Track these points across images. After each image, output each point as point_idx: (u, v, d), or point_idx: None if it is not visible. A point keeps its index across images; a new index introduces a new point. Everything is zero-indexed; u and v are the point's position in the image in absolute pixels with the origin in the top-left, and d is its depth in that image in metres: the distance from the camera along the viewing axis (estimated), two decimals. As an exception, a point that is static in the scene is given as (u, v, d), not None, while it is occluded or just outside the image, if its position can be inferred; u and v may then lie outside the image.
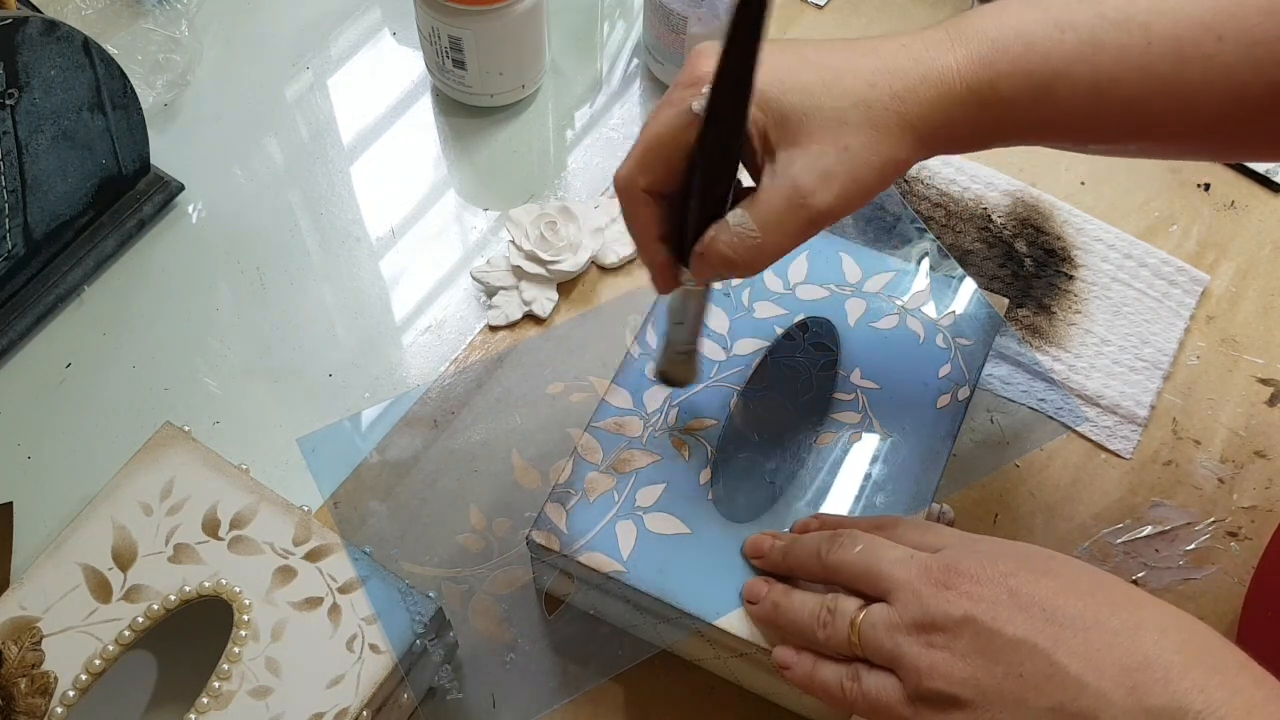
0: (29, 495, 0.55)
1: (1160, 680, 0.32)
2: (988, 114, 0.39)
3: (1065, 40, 0.38)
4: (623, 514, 0.46)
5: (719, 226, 0.39)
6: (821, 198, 0.38)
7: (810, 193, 0.38)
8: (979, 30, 0.39)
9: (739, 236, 0.38)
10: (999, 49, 0.39)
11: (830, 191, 0.38)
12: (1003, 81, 0.39)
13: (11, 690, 0.42)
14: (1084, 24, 0.38)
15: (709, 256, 0.39)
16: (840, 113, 0.38)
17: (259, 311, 0.61)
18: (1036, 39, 0.38)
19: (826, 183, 0.38)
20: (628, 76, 0.71)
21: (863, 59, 0.39)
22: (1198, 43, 0.38)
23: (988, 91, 0.39)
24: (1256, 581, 0.51)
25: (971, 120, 0.39)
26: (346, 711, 0.42)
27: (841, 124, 0.38)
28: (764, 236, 0.38)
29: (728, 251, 0.39)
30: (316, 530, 0.46)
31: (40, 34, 0.52)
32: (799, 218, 0.38)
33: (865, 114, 0.38)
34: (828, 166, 0.38)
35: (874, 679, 0.37)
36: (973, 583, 0.36)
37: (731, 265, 0.39)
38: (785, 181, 0.38)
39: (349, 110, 0.69)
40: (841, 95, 0.38)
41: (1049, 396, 0.59)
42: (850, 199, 0.38)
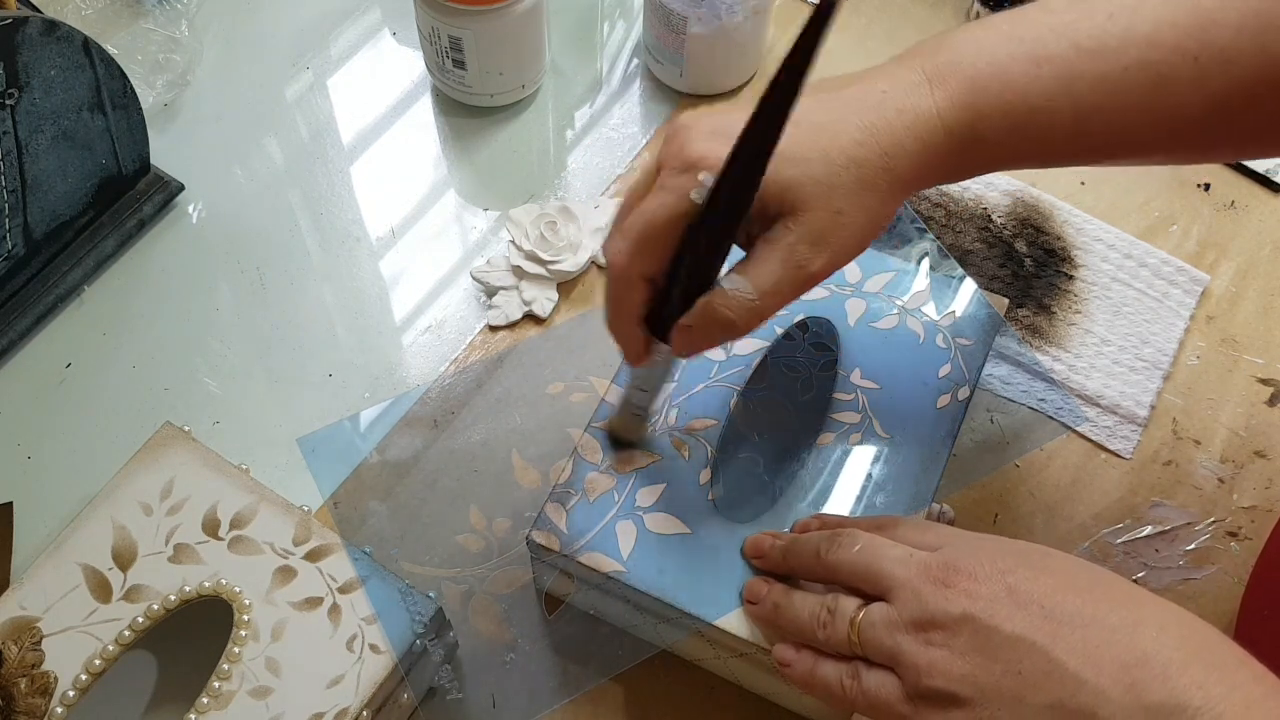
0: (29, 495, 0.55)
1: (1159, 677, 0.32)
2: (969, 154, 0.40)
3: (1042, 74, 0.39)
4: (623, 514, 0.46)
5: (715, 293, 0.39)
6: (815, 262, 0.39)
7: (804, 257, 0.39)
8: (955, 68, 0.39)
9: (736, 300, 0.39)
10: (977, 89, 0.39)
11: (823, 256, 0.39)
12: (982, 122, 0.39)
13: (11, 690, 0.42)
14: (1060, 56, 0.39)
15: (701, 323, 0.40)
16: (832, 177, 0.38)
17: (259, 311, 0.61)
18: (1013, 75, 0.39)
19: (819, 247, 0.39)
20: (628, 76, 0.71)
21: (849, 115, 0.39)
22: (1173, 65, 0.38)
23: (968, 133, 0.39)
24: (1255, 580, 0.51)
25: (954, 161, 0.40)
26: (346, 711, 0.42)
27: (834, 189, 0.38)
28: (760, 300, 0.39)
29: (728, 314, 0.39)
30: (316, 530, 0.46)
31: (40, 34, 0.52)
32: (795, 280, 0.39)
33: (856, 174, 0.38)
34: (821, 231, 0.38)
35: (874, 677, 0.37)
36: (971, 580, 0.36)
37: (728, 326, 0.40)
38: (781, 247, 0.39)
39: (349, 110, 0.69)
40: (833, 160, 0.38)
41: (1049, 396, 0.59)
42: (840, 258, 0.40)
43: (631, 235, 0.40)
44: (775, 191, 0.38)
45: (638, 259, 0.40)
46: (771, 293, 0.39)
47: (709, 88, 0.69)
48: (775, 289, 0.39)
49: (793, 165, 0.38)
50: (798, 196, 0.38)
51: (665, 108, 0.69)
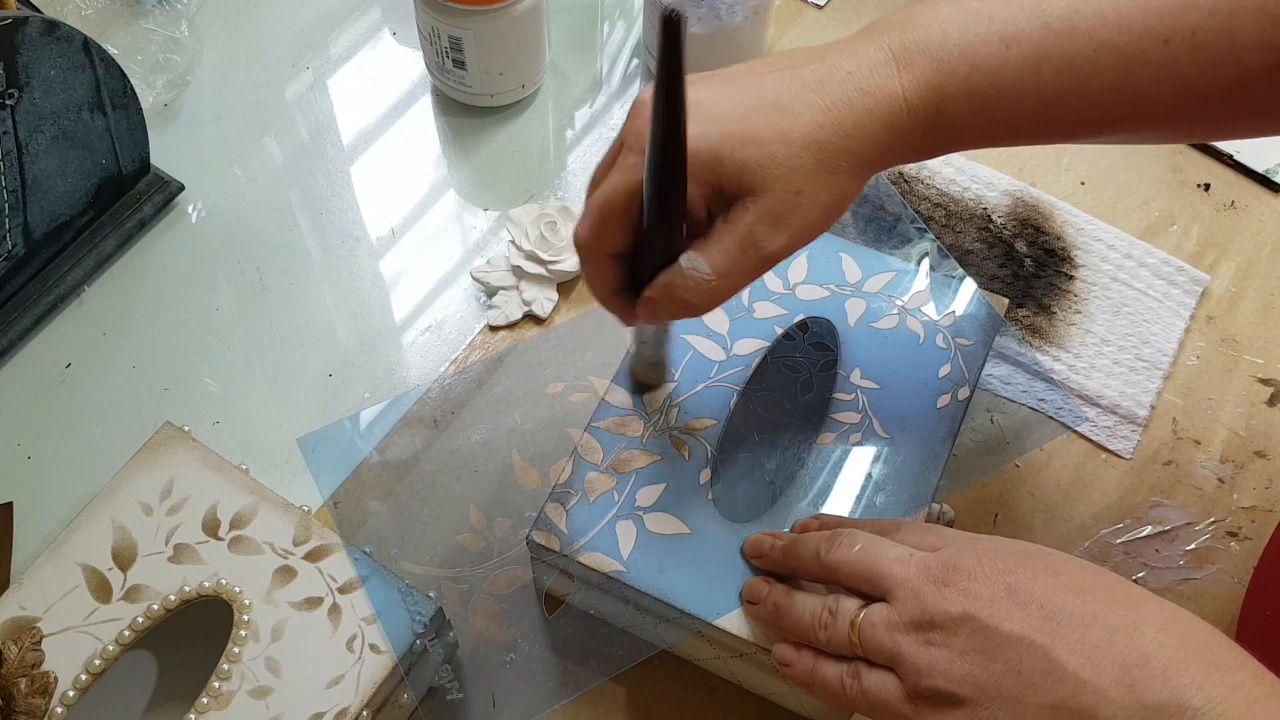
0: (29, 495, 0.55)
1: (1159, 677, 0.32)
2: (934, 134, 0.40)
3: (1010, 56, 0.38)
4: (623, 514, 0.46)
5: (672, 270, 0.39)
6: (773, 242, 0.39)
7: (762, 238, 0.39)
8: (923, 49, 0.39)
9: (692, 279, 0.39)
10: (944, 72, 0.39)
11: (782, 236, 0.39)
12: (949, 104, 0.39)
13: (11, 690, 0.42)
14: (1029, 37, 0.38)
15: (662, 299, 0.40)
16: (792, 158, 0.38)
17: (259, 311, 0.61)
18: (981, 57, 0.38)
19: (777, 228, 0.39)
20: (628, 76, 0.71)
21: (811, 95, 0.39)
22: (1143, 48, 0.38)
23: (934, 115, 0.39)
24: (1257, 580, 0.51)
25: (918, 141, 0.40)
26: (346, 711, 0.42)
27: (793, 170, 0.38)
28: (717, 279, 0.39)
29: (683, 294, 0.39)
30: (316, 530, 0.46)
31: (40, 34, 0.52)
32: (750, 260, 0.39)
33: (816, 155, 0.38)
34: (779, 212, 0.38)
35: (874, 677, 0.37)
36: (971, 580, 0.36)
37: (686, 305, 0.40)
38: (739, 228, 0.39)
39: (349, 110, 0.69)
40: (793, 140, 0.38)
41: (1049, 396, 0.59)
42: (801, 238, 0.39)
43: (592, 214, 0.40)
44: (733, 172, 0.38)
45: (598, 237, 0.40)
46: (728, 274, 0.39)
47: (709, 88, 0.69)
48: (731, 269, 0.39)
49: (751, 146, 0.38)
50: (756, 177, 0.38)
51: (665, 108, 0.69)
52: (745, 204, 0.38)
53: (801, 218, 0.39)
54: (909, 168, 0.66)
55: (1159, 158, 0.68)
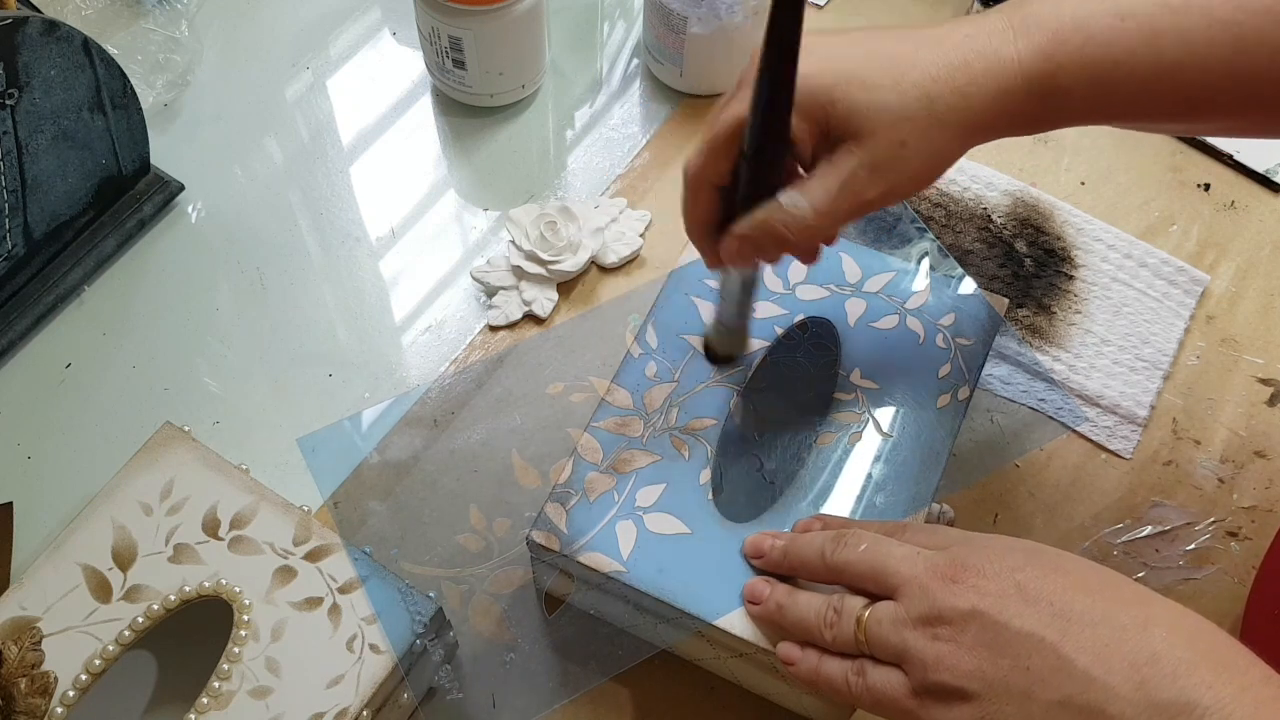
0: (29, 495, 0.55)
1: (1168, 675, 0.32)
2: (1046, 104, 0.40)
3: (1126, 29, 0.39)
4: (623, 514, 0.46)
5: (771, 205, 0.40)
6: (872, 190, 0.39)
7: (862, 184, 0.39)
8: (1039, 20, 0.39)
9: (791, 216, 0.40)
10: (1059, 40, 0.39)
11: (882, 184, 0.39)
12: (1062, 74, 0.39)
13: (11, 690, 0.42)
14: (1144, 11, 0.39)
15: (757, 234, 0.41)
16: (903, 108, 0.39)
17: (259, 311, 0.61)
18: (1097, 29, 0.39)
19: (879, 175, 0.39)
20: (628, 76, 0.71)
21: (928, 52, 0.39)
22: (1260, 28, 0.38)
23: (1048, 83, 0.39)
24: (1259, 582, 0.51)
25: (1030, 110, 0.40)
26: (346, 711, 0.42)
27: (902, 119, 0.39)
28: (815, 218, 0.40)
29: (780, 228, 0.40)
30: (316, 530, 0.46)
31: (40, 34, 0.52)
32: (849, 204, 0.40)
33: (927, 109, 0.39)
34: (882, 160, 0.39)
35: (879, 673, 0.37)
36: (980, 577, 0.36)
37: (780, 241, 0.40)
38: (843, 170, 0.39)
39: (349, 110, 0.69)
40: (905, 91, 0.39)
41: (1049, 396, 0.59)
42: (901, 190, 0.40)
43: (703, 143, 0.41)
44: (842, 114, 0.39)
45: (706, 165, 0.41)
46: (826, 213, 0.40)
47: (709, 88, 0.69)
48: (830, 210, 0.40)
49: (864, 91, 0.38)
50: (864, 122, 0.39)
51: (665, 108, 0.69)
52: (850, 148, 0.39)
53: (901, 170, 0.39)
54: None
55: (1159, 158, 0.68)
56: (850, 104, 0.39)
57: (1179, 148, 0.69)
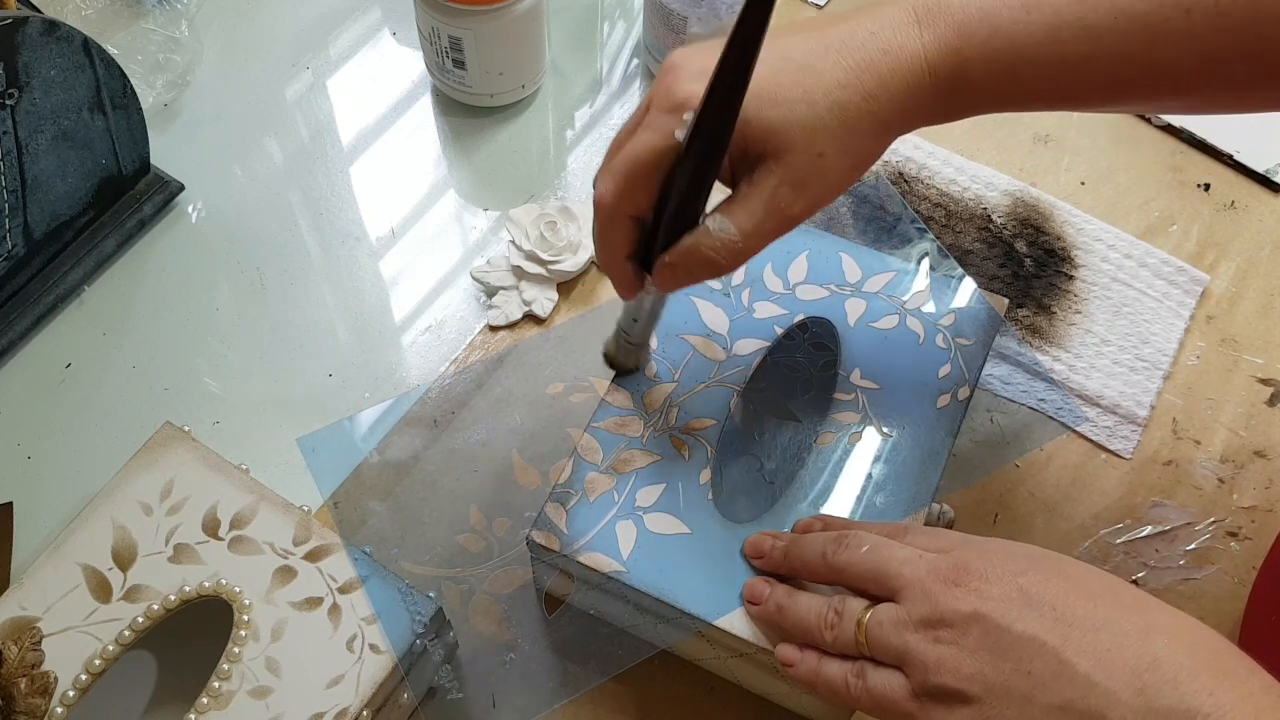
0: (29, 495, 0.55)
1: (1169, 682, 0.32)
2: (955, 97, 0.40)
3: (1032, 21, 0.38)
4: (623, 514, 0.46)
5: (699, 232, 0.40)
6: (796, 204, 0.39)
7: (786, 200, 0.39)
8: (945, 10, 0.39)
9: (720, 241, 0.39)
10: (965, 34, 0.39)
11: (804, 198, 0.39)
12: (970, 67, 0.39)
13: (11, 690, 0.42)
14: (1050, 2, 0.38)
15: (685, 262, 0.40)
16: (815, 119, 0.38)
17: (259, 311, 0.61)
18: (1003, 21, 0.39)
19: (800, 190, 0.39)
20: (628, 76, 0.71)
21: (834, 55, 0.39)
22: (1166, 18, 0.38)
23: (955, 77, 0.39)
24: (1259, 584, 0.51)
25: (939, 103, 0.40)
26: (346, 711, 0.42)
27: (816, 131, 0.38)
28: (743, 240, 0.39)
29: (710, 254, 0.40)
30: (316, 530, 0.46)
31: (40, 34, 0.52)
32: (775, 221, 0.39)
33: (839, 117, 0.38)
34: (803, 174, 0.39)
35: (879, 675, 0.37)
36: (982, 581, 0.36)
37: (711, 266, 0.40)
38: (764, 190, 0.39)
39: (349, 110, 0.69)
40: (816, 102, 0.38)
41: (1049, 396, 0.59)
42: (823, 200, 0.40)
43: (617, 174, 0.40)
44: (759, 133, 0.38)
45: (623, 197, 0.40)
46: (753, 234, 0.40)
47: (709, 88, 0.69)
48: (757, 230, 0.39)
49: (776, 107, 0.38)
50: (780, 139, 0.38)
51: (665, 108, 0.69)
52: (769, 166, 0.39)
53: (823, 180, 0.39)
54: (909, 168, 0.66)
55: (1159, 158, 0.68)
56: (764, 122, 0.38)
57: (1179, 148, 0.69)
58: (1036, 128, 0.69)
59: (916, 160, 0.67)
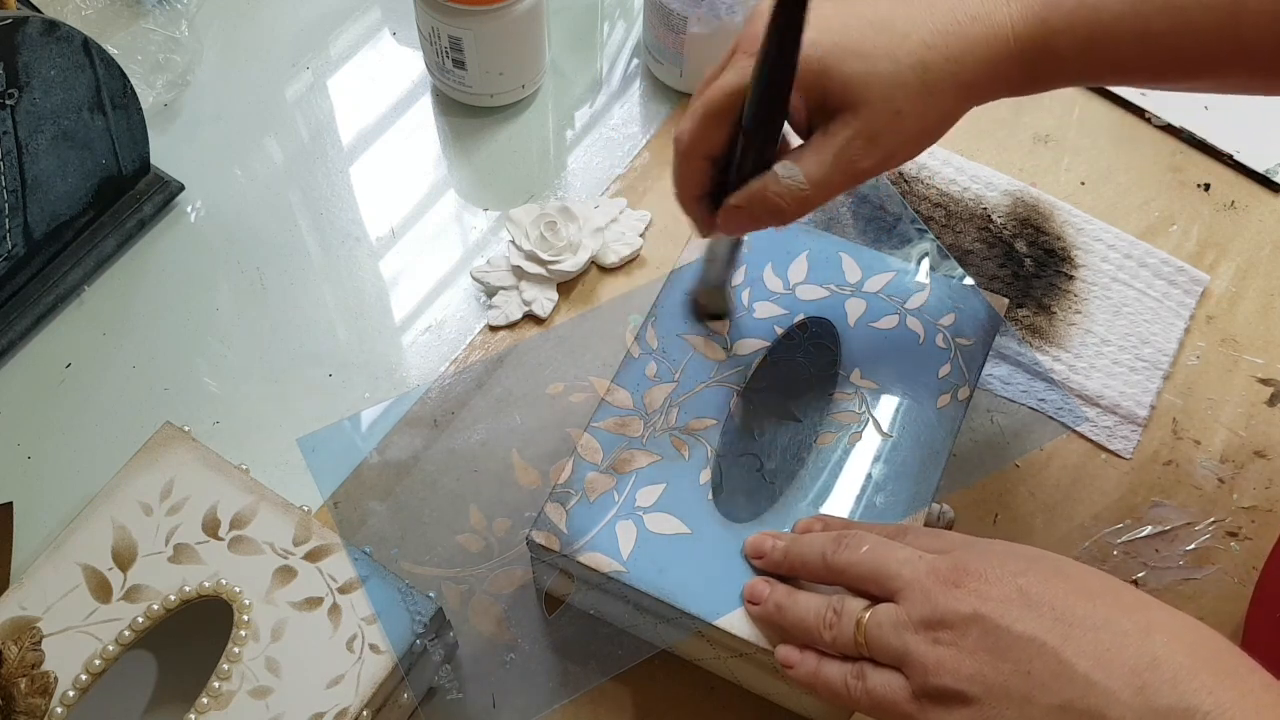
0: (29, 495, 0.55)
1: (1169, 681, 0.32)
2: (1038, 67, 0.40)
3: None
4: (623, 514, 0.46)
5: (766, 177, 0.40)
6: (867, 159, 0.40)
7: (858, 154, 0.39)
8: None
9: (786, 187, 0.40)
10: (1051, 5, 0.39)
11: (876, 153, 0.40)
12: (1055, 38, 0.39)
13: (11, 690, 0.42)
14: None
15: (751, 205, 0.41)
16: (897, 76, 0.39)
17: (259, 311, 0.61)
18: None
19: (873, 145, 0.39)
20: (628, 76, 0.71)
21: (921, 17, 0.39)
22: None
23: (1040, 47, 0.39)
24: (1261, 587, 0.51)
25: (1022, 73, 0.40)
26: (346, 711, 0.42)
27: (896, 87, 0.39)
28: (810, 188, 0.40)
29: (775, 199, 0.40)
30: (316, 530, 0.46)
31: (40, 34, 0.52)
32: (843, 174, 0.40)
33: (921, 77, 0.39)
34: (877, 129, 0.39)
35: (879, 676, 0.37)
36: (982, 581, 0.36)
37: (776, 211, 0.41)
38: (837, 141, 0.39)
39: (349, 110, 0.69)
40: (899, 59, 0.39)
41: (1049, 396, 0.59)
42: (897, 156, 0.40)
43: (695, 113, 0.41)
44: (838, 85, 0.39)
45: (698, 136, 0.41)
46: (821, 184, 0.40)
47: (709, 88, 0.69)
48: (825, 180, 0.40)
49: (857, 60, 0.39)
50: (859, 93, 0.39)
51: (665, 108, 0.69)
52: (845, 118, 0.39)
53: (897, 137, 0.40)
54: (909, 167, 0.66)
55: (1159, 158, 0.68)
56: (845, 75, 0.39)
57: (1179, 148, 0.69)
58: (1036, 128, 0.69)
59: (916, 160, 0.67)
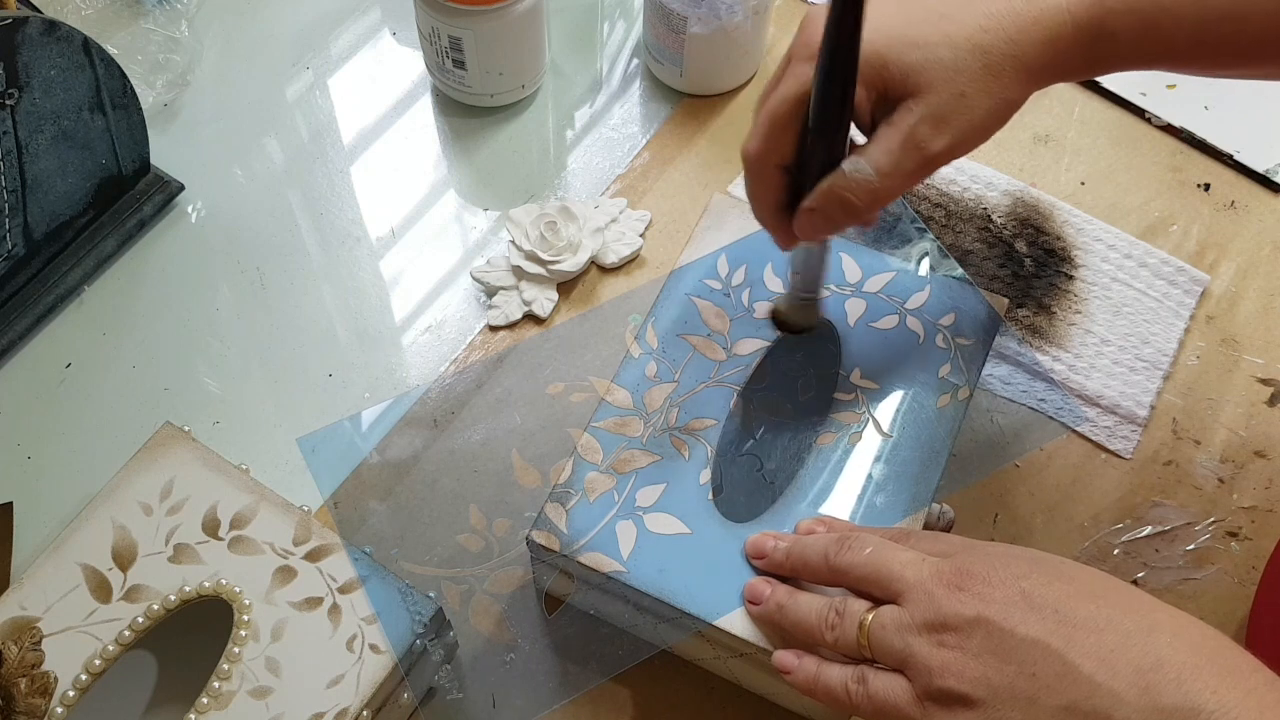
0: (29, 495, 0.55)
1: (1173, 680, 0.32)
2: (1096, 49, 0.40)
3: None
4: (623, 514, 0.46)
5: (835, 175, 0.40)
6: (937, 142, 0.40)
7: (927, 138, 0.39)
8: None
9: (855, 180, 0.40)
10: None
11: (946, 136, 0.40)
12: (1111, 19, 0.39)
13: (11, 690, 0.42)
14: None
15: (824, 205, 0.41)
16: (957, 60, 0.39)
17: (259, 311, 0.61)
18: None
19: (940, 128, 0.39)
20: (628, 76, 0.71)
21: (978, 3, 0.40)
22: None
23: (1097, 29, 0.40)
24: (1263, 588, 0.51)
25: (1080, 56, 0.40)
26: (346, 711, 0.42)
27: (958, 71, 0.39)
28: (880, 180, 0.40)
29: (846, 195, 0.40)
30: (316, 530, 0.46)
31: (40, 34, 0.52)
32: (914, 161, 0.40)
33: (981, 59, 0.39)
34: (943, 113, 0.39)
35: (881, 680, 0.37)
36: (985, 584, 0.36)
37: (850, 209, 0.41)
38: (903, 128, 0.39)
39: (349, 110, 0.69)
40: (958, 44, 0.39)
41: (1049, 396, 0.59)
42: (965, 141, 0.40)
43: (761, 125, 0.41)
44: (898, 76, 0.39)
45: (767, 147, 0.41)
46: (890, 173, 0.40)
47: (709, 88, 0.69)
48: (894, 169, 0.40)
49: (917, 49, 0.39)
50: (921, 79, 0.39)
51: (665, 108, 0.69)
52: (909, 105, 0.39)
53: (965, 119, 0.40)
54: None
55: (1159, 158, 0.68)
56: (904, 64, 0.39)
57: (1179, 148, 0.69)
58: (1036, 128, 0.69)
59: (916, 160, 0.66)
